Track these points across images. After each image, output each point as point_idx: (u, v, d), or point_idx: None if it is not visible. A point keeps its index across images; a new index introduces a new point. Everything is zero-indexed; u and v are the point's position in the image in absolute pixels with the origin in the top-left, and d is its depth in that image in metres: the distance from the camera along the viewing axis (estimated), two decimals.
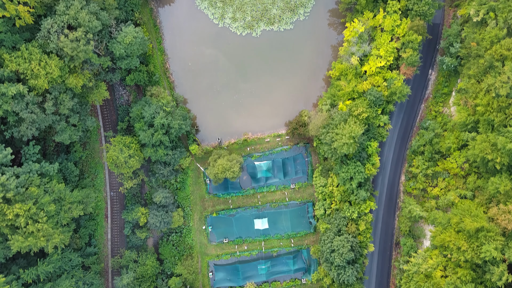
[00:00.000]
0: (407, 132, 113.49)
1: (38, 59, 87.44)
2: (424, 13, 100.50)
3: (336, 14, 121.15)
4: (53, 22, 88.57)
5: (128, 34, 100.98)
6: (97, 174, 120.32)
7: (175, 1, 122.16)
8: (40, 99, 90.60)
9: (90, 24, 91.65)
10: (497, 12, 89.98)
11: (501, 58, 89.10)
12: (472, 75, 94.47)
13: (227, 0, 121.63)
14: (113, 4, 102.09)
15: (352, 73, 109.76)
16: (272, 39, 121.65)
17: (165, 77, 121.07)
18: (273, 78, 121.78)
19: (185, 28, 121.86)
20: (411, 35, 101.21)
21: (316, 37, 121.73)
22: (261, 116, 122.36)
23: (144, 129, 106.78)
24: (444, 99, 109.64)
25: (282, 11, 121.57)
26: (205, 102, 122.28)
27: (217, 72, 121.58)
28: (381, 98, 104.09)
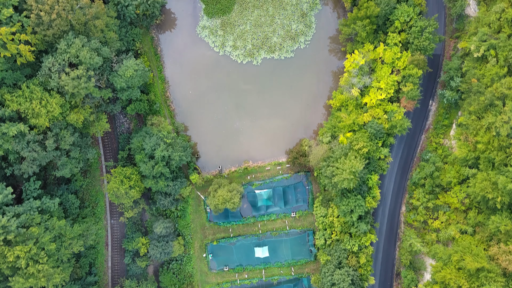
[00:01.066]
0: (407, 163, 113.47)
1: (39, 97, 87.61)
2: (424, 48, 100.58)
3: (336, 42, 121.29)
4: (54, 60, 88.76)
5: (129, 68, 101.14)
6: (98, 202, 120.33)
7: (176, 30, 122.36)
8: (41, 137, 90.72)
9: (91, 61, 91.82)
10: (497, 50, 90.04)
11: (502, 96, 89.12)
12: (473, 111, 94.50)
13: (227, 28, 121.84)
14: (114, 37, 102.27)
15: (353, 104, 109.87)
16: (272, 67, 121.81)
17: (166, 106, 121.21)
18: (274, 105, 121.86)
19: (186, 56, 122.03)
20: (412, 69, 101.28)
21: (316, 65, 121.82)
22: (261, 144, 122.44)
23: (145, 161, 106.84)
24: (444, 130, 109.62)
25: (282, 39, 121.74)
26: (206, 130, 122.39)
27: (218, 100, 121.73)
28: (382, 130, 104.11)
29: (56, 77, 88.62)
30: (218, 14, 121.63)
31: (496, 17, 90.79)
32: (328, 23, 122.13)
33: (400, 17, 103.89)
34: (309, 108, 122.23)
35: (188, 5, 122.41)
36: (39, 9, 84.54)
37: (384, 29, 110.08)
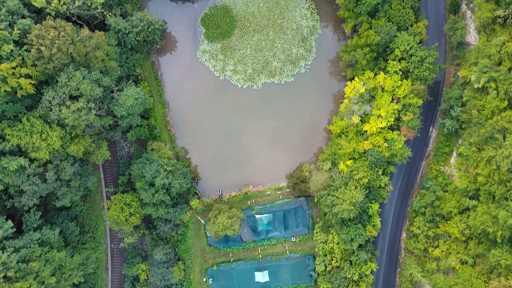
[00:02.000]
0: (408, 189, 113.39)
1: (39, 131, 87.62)
2: (424, 78, 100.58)
3: (337, 67, 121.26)
4: (55, 93, 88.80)
5: (130, 97, 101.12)
6: (98, 227, 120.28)
7: (177, 54, 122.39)
8: (41, 169, 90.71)
9: (92, 92, 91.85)
10: (498, 83, 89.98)
11: (502, 129, 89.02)
12: (473, 143, 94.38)
13: (228, 53, 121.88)
14: (115, 66, 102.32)
15: (353, 131, 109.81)
16: (273, 91, 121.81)
17: (166, 130, 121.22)
18: (274, 130, 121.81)
19: (186, 81, 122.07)
20: (412, 98, 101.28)
21: (317, 89, 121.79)
22: (262, 168, 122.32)
23: (145, 188, 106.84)
24: (445, 158, 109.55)
25: (283, 64, 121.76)
26: (206, 154, 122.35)
27: (218, 124, 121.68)
28: (382, 159, 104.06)
29: (57, 110, 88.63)
30: (218, 39, 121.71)
31: (496, 49, 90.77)
32: (329, 47, 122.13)
33: (401, 45, 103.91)
34: (310, 132, 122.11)
35: (189, 30, 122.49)
36: (40, 44, 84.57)
37: (384, 56, 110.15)
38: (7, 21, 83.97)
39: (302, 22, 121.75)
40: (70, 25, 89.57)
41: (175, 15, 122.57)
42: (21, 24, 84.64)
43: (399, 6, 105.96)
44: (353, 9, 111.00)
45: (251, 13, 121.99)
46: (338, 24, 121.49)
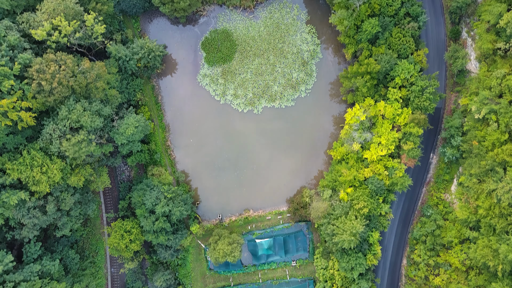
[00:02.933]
0: (408, 216, 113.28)
1: (40, 164, 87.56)
2: (425, 108, 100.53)
3: (337, 91, 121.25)
4: (55, 126, 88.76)
5: (130, 126, 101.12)
6: (98, 251, 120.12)
7: (177, 78, 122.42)
8: (41, 202, 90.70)
9: (92, 124, 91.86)
10: (498, 116, 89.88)
11: (503, 162, 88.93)
12: (474, 174, 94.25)
13: (228, 77, 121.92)
14: (115, 94, 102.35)
15: (354, 158, 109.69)
16: (273, 115, 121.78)
17: (166, 155, 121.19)
18: (274, 154, 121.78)
19: (187, 105, 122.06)
20: (413, 127, 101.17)
21: (317, 113, 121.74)
22: (262, 192, 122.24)
23: (146, 216, 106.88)
24: (445, 185, 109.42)
25: (283, 88, 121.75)
26: (206, 178, 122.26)
27: (218, 148, 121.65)
28: (383, 187, 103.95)
29: (57, 143, 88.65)
30: (219, 63, 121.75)
31: (497, 82, 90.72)
32: (329, 72, 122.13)
33: (401, 73, 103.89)
34: (310, 156, 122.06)
35: (189, 54, 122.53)
36: (41, 78, 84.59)
37: (385, 82, 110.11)
38: (8, 55, 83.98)
39: (303, 46, 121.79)
40: (71, 58, 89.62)
41: (175, 39, 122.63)
42: (21, 58, 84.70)
43: (400, 34, 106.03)
44: (353, 35, 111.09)
45: (251, 37, 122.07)
46: (338, 48, 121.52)
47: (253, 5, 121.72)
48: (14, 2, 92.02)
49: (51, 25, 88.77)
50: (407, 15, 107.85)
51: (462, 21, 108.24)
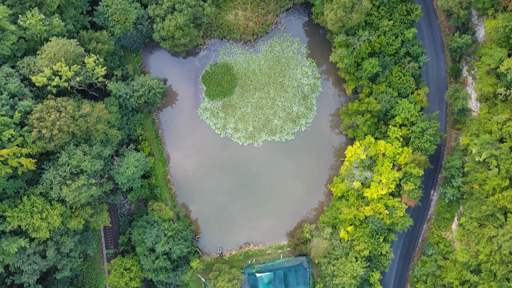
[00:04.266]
0: (409, 253, 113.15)
1: (40, 210, 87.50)
2: (425, 149, 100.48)
3: (338, 124, 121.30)
4: (55, 172, 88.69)
5: (130, 166, 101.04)
6: (98, 286, 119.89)
7: (177, 111, 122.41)
8: (41, 247, 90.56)
9: (93, 168, 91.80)
10: (499, 161, 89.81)
11: (503, 207, 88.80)
12: (474, 218, 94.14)
13: (229, 111, 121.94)
14: (116, 134, 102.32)
15: (354, 195, 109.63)
16: (273, 149, 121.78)
17: (167, 189, 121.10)
18: (275, 187, 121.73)
19: (187, 138, 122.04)
20: (413, 167, 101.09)
21: (317, 146, 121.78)
22: (262, 226, 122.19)
23: (146, 254, 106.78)
24: (446, 223, 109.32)
25: (283, 122, 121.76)
26: (207, 211, 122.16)
27: (219, 182, 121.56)
28: (383, 226, 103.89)
29: (57, 190, 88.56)
30: (219, 96, 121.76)
31: (497, 127, 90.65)
32: (329, 105, 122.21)
33: (401, 113, 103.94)
34: (311, 189, 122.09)
35: (190, 87, 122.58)
36: (41, 126, 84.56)
37: (385, 119, 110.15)
38: (8, 104, 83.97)
39: (303, 80, 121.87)
40: (71, 103, 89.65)
41: (176, 72, 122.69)
42: (22, 106, 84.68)
43: (400, 73, 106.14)
44: (353, 72, 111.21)
45: (252, 71, 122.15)
46: (339, 82, 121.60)
47: (253, 39, 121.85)
48: (15, 46, 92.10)
49: (51, 70, 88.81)
50: (407, 55, 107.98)
51: (462, 59, 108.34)
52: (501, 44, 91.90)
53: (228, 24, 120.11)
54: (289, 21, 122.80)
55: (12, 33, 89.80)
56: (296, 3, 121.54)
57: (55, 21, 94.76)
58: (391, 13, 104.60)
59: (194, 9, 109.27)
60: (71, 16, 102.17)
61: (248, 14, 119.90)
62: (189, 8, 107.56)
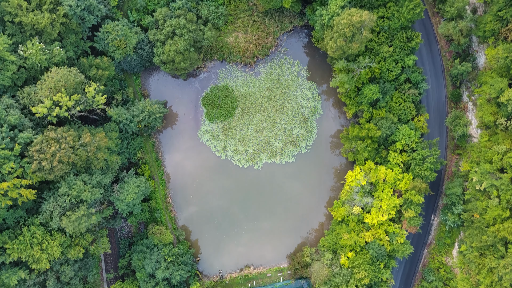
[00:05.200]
0: (410, 279, 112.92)
1: (40, 241, 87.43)
2: (426, 177, 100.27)
3: (338, 147, 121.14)
4: (55, 203, 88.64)
5: (130, 193, 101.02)
6: None
7: (178, 134, 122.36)
8: (41, 278, 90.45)
9: (92, 197, 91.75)
10: (500, 192, 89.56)
11: (504, 238, 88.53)
12: (475, 247, 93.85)
13: (229, 133, 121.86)
14: (116, 160, 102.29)
15: (354, 220, 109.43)
16: (273, 171, 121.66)
17: (167, 211, 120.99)
18: (275, 210, 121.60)
19: (187, 161, 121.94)
20: (413, 195, 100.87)
21: (317, 169, 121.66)
22: (262, 248, 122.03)
23: (146, 280, 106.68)
24: (447, 249, 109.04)
25: (284, 144, 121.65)
26: (207, 234, 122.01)
27: (219, 204, 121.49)
28: (384, 253, 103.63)
29: (57, 221, 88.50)
30: (219, 119, 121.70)
31: (498, 157, 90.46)
32: (330, 128, 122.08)
33: (402, 139, 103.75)
34: (311, 211, 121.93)
35: (190, 109, 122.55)
36: (41, 158, 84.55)
37: (386, 144, 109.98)
38: (8, 136, 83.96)
39: (303, 102, 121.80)
40: (72, 134, 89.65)
41: (176, 94, 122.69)
42: (22, 138, 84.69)
43: (400, 99, 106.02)
44: (354, 97, 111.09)
45: (252, 94, 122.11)
46: (339, 105, 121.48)
47: (253, 62, 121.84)
48: (15, 76, 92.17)
49: (51, 101, 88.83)
50: (407, 81, 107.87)
51: (463, 85, 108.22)
52: (502, 73, 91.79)
53: (229, 47, 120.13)
54: (290, 44, 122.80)
55: (12, 63, 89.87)
56: (296, 25, 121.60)
57: (55, 50, 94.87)
58: (391, 39, 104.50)
59: (195, 33, 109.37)
60: (71, 42, 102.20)
61: (249, 37, 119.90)
62: (189, 32, 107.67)
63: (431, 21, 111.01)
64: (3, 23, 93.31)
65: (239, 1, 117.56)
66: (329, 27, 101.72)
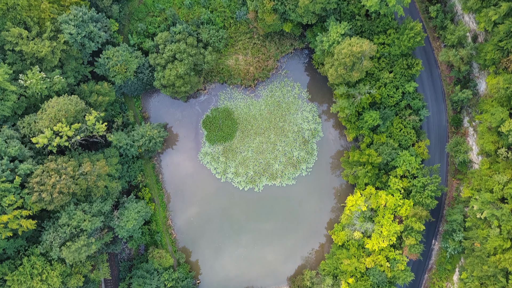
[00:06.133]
0: None
1: (40, 272, 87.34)
2: (427, 204, 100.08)
3: (338, 168, 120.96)
4: (55, 234, 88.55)
5: (130, 219, 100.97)
6: None
7: (178, 156, 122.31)
8: None
9: (92, 226, 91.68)
10: (500, 222, 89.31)
11: (505, 269, 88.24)
12: (476, 276, 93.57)
13: (229, 155, 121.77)
14: (117, 186, 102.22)
15: (355, 245, 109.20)
16: (274, 194, 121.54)
17: (167, 234, 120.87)
18: (275, 231, 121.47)
19: (188, 183, 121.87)
20: (414, 222, 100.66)
21: (318, 191, 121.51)
22: (263, 271, 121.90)
23: None
24: (447, 274, 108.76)
25: (284, 167, 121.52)
26: (207, 256, 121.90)
27: (219, 226, 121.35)
28: (384, 279, 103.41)
29: (57, 251, 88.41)
30: (220, 141, 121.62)
31: (499, 187, 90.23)
32: (330, 150, 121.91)
33: (402, 165, 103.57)
34: (312, 233, 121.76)
35: (190, 131, 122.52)
36: (41, 190, 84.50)
37: (386, 168, 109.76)
38: (8, 168, 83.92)
39: (304, 125, 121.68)
40: (72, 164, 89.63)
41: (176, 116, 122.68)
42: (22, 169, 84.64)
43: (401, 124, 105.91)
44: (354, 121, 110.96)
45: (252, 116, 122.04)
46: (340, 126, 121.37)
47: (254, 84, 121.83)
48: (15, 105, 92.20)
49: (52, 131, 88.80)
50: (408, 107, 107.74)
51: (464, 110, 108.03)
52: (502, 103, 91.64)
53: (229, 69, 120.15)
54: (290, 66, 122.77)
55: (13, 93, 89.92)
56: (297, 48, 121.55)
57: (55, 78, 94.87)
58: (392, 65, 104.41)
59: (195, 57, 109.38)
60: (72, 68, 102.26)
61: (249, 59, 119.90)
62: (189, 57, 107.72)
63: (431, 45, 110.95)
64: (3, 52, 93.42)
65: (239, 23, 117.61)
66: (329, 53, 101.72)
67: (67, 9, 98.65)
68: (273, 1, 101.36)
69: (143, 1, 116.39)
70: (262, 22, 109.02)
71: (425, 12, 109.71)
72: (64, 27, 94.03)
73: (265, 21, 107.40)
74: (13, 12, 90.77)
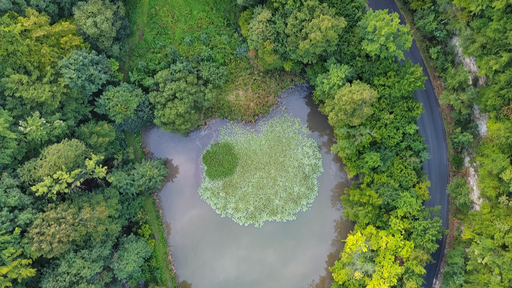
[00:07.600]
0: None
1: None
2: (427, 248, 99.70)
3: (339, 201, 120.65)
4: (55, 283, 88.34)
5: (130, 262, 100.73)
6: None
7: (178, 191, 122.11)
8: None
9: (92, 273, 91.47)
10: (501, 270, 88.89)
11: None
12: None
13: (230, 191, 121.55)
14: (117, 227, 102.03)
15: (356, 285, 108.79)
16: (274, 229, 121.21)
17: (167, 270, 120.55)
18: (276, 267, 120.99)
19: (188, 218, 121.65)
20: (415, 265, 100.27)
21: (319, 226, 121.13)
22: None
23: None
24: None
25: (284, 202, 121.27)
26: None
27: (219, 262, 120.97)
28: None
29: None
30: (220, 176, 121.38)
31: (500, 235, 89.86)
32: (331, 185, 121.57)
33: (403, 206, 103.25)
34: (312, 268, 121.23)
35: (190, 167, 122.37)
36: (41, 240, 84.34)
37: (387, 208, 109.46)
38: (8, 218, 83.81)
39: (304, 160, 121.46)
40: (71, 212, 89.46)
41: (176, 151, 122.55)
42: (22, 220, 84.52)
43: (401, 165, 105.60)
44: (355, 160, 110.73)
45: (253, 151, 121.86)
46: (340, 162, 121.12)
47: (254, 119, 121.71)
48: (15, 151, 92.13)
49: (51, 179, 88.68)
50: (409, 148, 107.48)
51: (464, 150, 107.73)
52: (503, 149, 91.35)
53: (229, 105, 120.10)
54: (290, 101, 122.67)
55: (13, 140, 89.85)
56: (297, 83, 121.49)
57: (55, 123, 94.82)
58: (392, 106, 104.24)
59: (195, 95, 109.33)
60: (72, 109, 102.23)
61: (249, 95, 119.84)
62: (190, 95, 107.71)
63: (432, 84, 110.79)
64: (3, 98, 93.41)
65: (239, 59, 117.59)
66: (330, 95, 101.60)
67: (67, 52, 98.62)
68: (274, 43, 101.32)
69: (144, 37, 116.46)
70: (262, 60, 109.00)
71: (426, 51, 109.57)
72: (64, 72, 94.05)
73: (265, 60, 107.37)
74: (14, 57, 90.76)
